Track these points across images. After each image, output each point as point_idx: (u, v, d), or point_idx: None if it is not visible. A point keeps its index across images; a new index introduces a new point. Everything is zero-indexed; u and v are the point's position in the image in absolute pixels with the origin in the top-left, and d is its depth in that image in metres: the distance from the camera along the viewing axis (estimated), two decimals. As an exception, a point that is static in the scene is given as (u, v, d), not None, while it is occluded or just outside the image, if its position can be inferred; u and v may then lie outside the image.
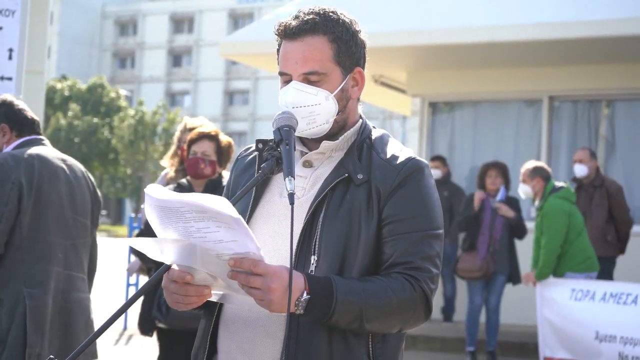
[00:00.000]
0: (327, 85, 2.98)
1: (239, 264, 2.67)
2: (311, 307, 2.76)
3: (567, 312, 9.90)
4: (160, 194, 2.67)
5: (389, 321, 2.87)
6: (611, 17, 11.91)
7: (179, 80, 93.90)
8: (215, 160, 6.80)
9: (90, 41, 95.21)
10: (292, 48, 2.99)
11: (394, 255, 2.90)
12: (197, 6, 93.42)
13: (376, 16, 12.95)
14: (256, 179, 2.89)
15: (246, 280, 2.69)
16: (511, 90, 14.46)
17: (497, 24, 12.58)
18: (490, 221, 11.32)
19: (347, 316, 2.79)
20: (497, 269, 11.31)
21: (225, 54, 15.39)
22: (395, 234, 2.91)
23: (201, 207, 2.59)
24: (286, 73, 3.00)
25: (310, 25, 2.97)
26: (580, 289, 9.85)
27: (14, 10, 7.46)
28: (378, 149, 3.03)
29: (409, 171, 2.96)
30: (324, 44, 2.97)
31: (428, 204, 2.96)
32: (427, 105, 15.05)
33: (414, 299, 2.86)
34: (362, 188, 2.94)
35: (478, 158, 14.23)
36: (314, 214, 2.93)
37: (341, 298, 2.77)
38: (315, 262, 2.89)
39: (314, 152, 3.04)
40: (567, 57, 13.47)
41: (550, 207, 9.99)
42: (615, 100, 14.04)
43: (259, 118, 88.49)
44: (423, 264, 2.90)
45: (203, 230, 2.64)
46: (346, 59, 3.00)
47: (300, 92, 2.96)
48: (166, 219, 2.69)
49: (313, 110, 2.96)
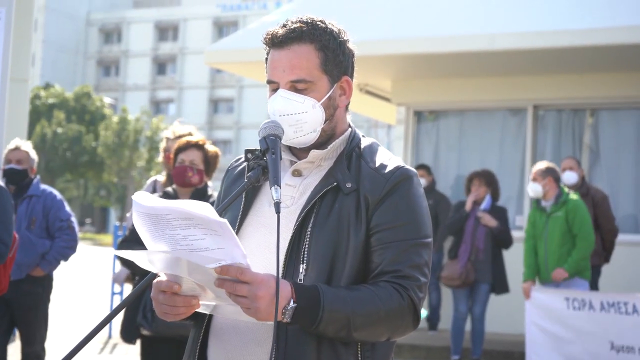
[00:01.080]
0: (314, 94, 2.98)
1: (225, 271, 2.66)
2: (298, 316, 2.76)
3: (569, 322, 9.92)
4: (147, 201, 2.66)
5: (377, 330, 2.86)
6: (595, 27, 11.95)
7: (164, 88, 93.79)
8: (203, 169, 6.81)
9: (75, 49, 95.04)
10: (279, 56, 2.99)
11: (382, 264, 2.89)
12: (182, 14, 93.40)
13: (361, 25, 12.96)
14: (242, 187, 2.89)
15: (232, 288, 2.68)
16: (496, 99, 14.49)
17: (481, 33, 12.61)
18: (472, 230, 11.34)
19: (335, 325, 2.78)
20: (479, 277, 11.32)
21: (210, 62, 15.38)
22: (383, 242, 2.90)
23: (186, 213, 2.59)
24: (274, 81, 3.00)
25: (297, 34, 2.97)
26: (575, 298, 9.90)
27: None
28: (367, 158, 3.03)
29: (397, 180, 2.96)
30: (310, 52, 2.97)
31: (416, 212, 2.96)
32: (412, 114, 15.06)
33: (401, 307, 2.85)
34: (350, 197, 2.94)
35: (463, 167, 14.26)
36: (302, 222, 2.92)
37: (328, 306, 2.76)
38: (304, 270, 2.88)
39: (303, 161, 3.04)
40: (551, 66, 13.51)
41: (577, 203, 10.08)
42: (599, 109, 14.09)
43: (243, 126, 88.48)
44: (411, 272, 2.89)
45: (189, 237, 2.64)
46: (333, 67, 3.01)
47: (287, 100, 2.96)
48: (153, 228, 2.69)
49: (300, 119, 2.96)
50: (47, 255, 8.32)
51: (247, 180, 2.89)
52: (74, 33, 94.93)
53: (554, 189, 10.18)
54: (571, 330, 10.00)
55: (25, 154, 8.33)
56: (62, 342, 12.20)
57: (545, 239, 10.17)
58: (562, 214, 10.08)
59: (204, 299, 2.84)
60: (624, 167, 13.85)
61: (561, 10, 12.58)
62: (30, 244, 8.20)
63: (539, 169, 10.27)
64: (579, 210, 10.06)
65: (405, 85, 15.04)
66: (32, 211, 8.33)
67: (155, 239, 2.72)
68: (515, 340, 12.71)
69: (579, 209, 10.07)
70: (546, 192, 10.21)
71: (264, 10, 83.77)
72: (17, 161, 8.25)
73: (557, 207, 10.13)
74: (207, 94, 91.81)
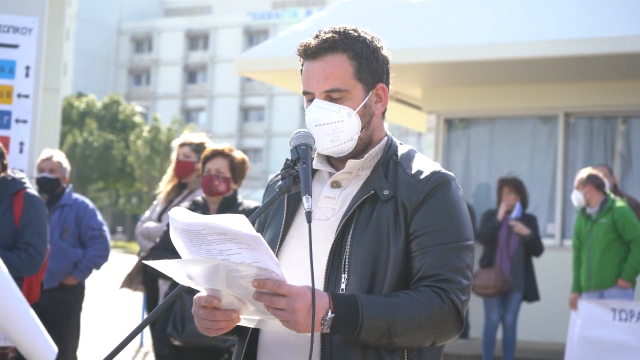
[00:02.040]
0: (350, 102, 3.00)
1: (262, 285, 2.69)
2: (337, 325, 2.77)
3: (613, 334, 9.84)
4: (183, 217, 2.69)
5: (419, 335, 2.86)
6: (627, 34, 11.90)
7: (194, 96, 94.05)
8: (230, 177, 6.83)
9: (106, 58, 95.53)
10: (313, 67, 3.01)
11: (422, 269, 2.90)
12: (212, 23, 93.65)
13: (392, 33, 12.96)
14: (272, 197, 2.91)
15: (271, 301, 2.71)
16: (527, 107, 14.43)
17: (512, 40, 12.58)
18: (506, 238, 11.31)
19: (375, 332, 2.79)
20: (513, 286, 11.29)
21: (240, 71, 15.42)
22: (423, 247, 2.91)
23: (221, 228, 2.62)
24: (309, 92, 3.03)
25: (329, 44, 3.00)
26: (622, 309, 9.82)
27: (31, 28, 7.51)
28: (404, 164, 3.04)
29: (434, 184, 2.96)
30: (344, 61, 3.00)
31: (455, 215, 2.97)
32: (442, 122, 15.03)
33: (443, 311, 2.85)
34: (388, 204, 2.95)
35: (493, 175, 14.21)
36: (342, 232, 2.94)
37: (367, 314, 2.77)
38: (346, 280, 2.90)
39: (340, 172, 3.06)
40: (582, 73, 13.46)
41: (624, 210, 9.99)
42: (631, 117, 14.01)
43: (274, 134, 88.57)
44: (452, 275, 2.89)
45: (225, 252, 2.66)
46: (367, 75, 3.03)
47: (322, 109, 2.98)
48: (190, 244, 2.71)
49: (336, 128, 2.98)
50: (80, 264, 8.36)
51: (279, 190, 2.91)
52: (105, 42, 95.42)
53: (597, 196, 10.09)
54: (615, 342, 9.90)
55: (58, 163, 8.39)
56: (93, 351, 12.25)
57: (590, 246, 10.07)
58: (606, 221, 9.97)
59: (245, 312, 2.85)
60: (656, 175, 13.77)
61: (592, 18, 12.53)
62: (63, 252, 8.25)
63: (580, 178, 10.19)
64: (627, 216, 9.96)
65: (435, 93, 15.01)
66: (65, 220, 8.38)
67: (192, 255, 2.74)
68: (546, 348, 12.65)
69: (627, 214, 9.97)
70: (589, 200, 10.12)
71: (294, 18, 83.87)
72: (50, 170, 8.31)
73: (602, 214, 10.02)
74: (238, 102, 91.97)
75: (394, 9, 14.20)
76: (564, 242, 13.70)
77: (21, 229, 6.32)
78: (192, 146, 8.26)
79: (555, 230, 13.97)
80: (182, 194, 8.24)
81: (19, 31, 7.46)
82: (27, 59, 7.47)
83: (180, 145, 8.28)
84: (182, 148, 8.26)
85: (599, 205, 10.04)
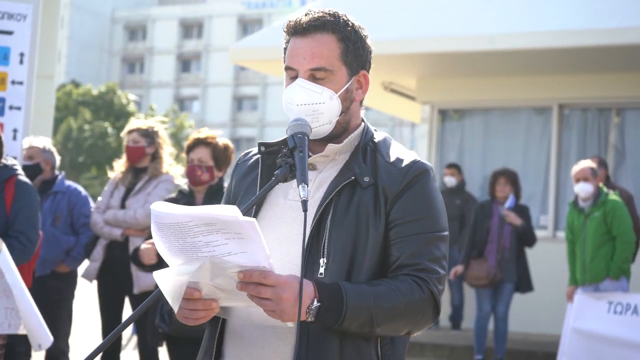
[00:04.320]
0: (332, 85, 2.99)
1: (248, 276, 2.69)
2: (322, 314, 2.78)
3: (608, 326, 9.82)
4: (168, 210, 2.67)
5: (399, 324, 2.89)
6: (622, 26, 11.90)
7: (188, 85, 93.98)
8: (213, 165, 6.85)
9: (100, 46, 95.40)
10: (301, 44, 3.01)
11: (401, 257, 2.92)
12: (207, 12, 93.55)
13: (386, 23, 12.96)
14: (270, 185, 2.90)
15: (257, 291, 2.70)
16: (521, 98, 14.44)
17: (507, 31, 12.58)
18: (498, 229, 11.31)
19: (358, 321, 2.81)
20: (505, 277, 11.29)
21: (234, 60, 15.41)
22: (402, 235, 2.93)
23: (210, 217, 2.60)
24: (293, 68, 3.01)
25: (320, 23, 3.00)
26: (619, 302, 9.81)
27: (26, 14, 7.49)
28: (382, 151, 3.04)
29: (415, 173, 2.98)
30: (332, 42, 3.00)
31: (434, 206, 2.99)
32: (436, 113, 15.03)
33: (422, 300, 2.88)
34: (368, 191, 2.96)
35: (487, 166, 14.21)
36: (321, 216, 2.94)
37: (351, 303, 2.78)
38: (325, 264, 2.90)
39: (318, 154, 3.04)
40: (577, 65, 13.46)
41: (616, 204, 9.93)
42: (625, 109, 14.02)
43: (267, 124, 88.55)
44: (431, 265, 2.91)
45: (212, 243, 2.65)
46: (353, 59, 3.03)
47: (305, 89, 2.98)
48: (173, 238, 2.69)
49: (317, 109, 2.97)
50: (72, 252, 8.35)
51: (275, 178, 2.89)
52: (99, 30, 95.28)
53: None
54: (607, 335, 9.88)
55: (36, 149, 8.33)
56: (86, 338, 12.25)
57: (584, 240, 10.00)
58: (599, 214, 9.91)
59: (225, 302, 2.85)
60: (649, 167, 13.79)
61: (588, 10, 12.53)
62: (55, 240, 8.24)
63: (589, 168, 10.07)
64: (617, 211, 9.88)
65: (430, 83, 15.01)
66: (57, 207, 8.36)
67: (172, 251, 2.74)
68: (538, 340, 12.67)
69: (618, 209, 9.90)
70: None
71: (288, 8, 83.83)
72: (29, 157, 8.26)
73: (596, 208, 9.95)
74: (232, 91, 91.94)
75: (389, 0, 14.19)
76: (556, 233, 13.71)
77: (12, 216, 6.27)
78: (141, 131, 8.28)
79: (548, 221, 13.98)
80: (142, 178, 8.24)
81: (14, 17, 7.44)
82: (21, 45, 7.45)
83: (129, 132, 8.29)
84: (131, 134, 8.28)
85: (592, 199, 9.99)
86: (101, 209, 8.27)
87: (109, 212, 8.18)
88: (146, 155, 8.24)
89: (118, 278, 8.11)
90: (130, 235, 8.05)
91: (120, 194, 8.28)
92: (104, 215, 8.20)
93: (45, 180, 8.39)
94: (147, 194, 8.12)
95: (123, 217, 8.04)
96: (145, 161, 8.28)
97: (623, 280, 10.03)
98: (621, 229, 9.86)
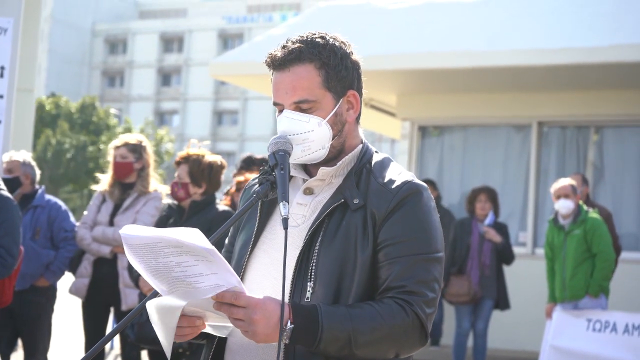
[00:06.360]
0: (319, 112, 2.98)
1: (220, 297, 2.69)
2: (296, 336, 2.76)
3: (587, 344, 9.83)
4: (137, 232, 2.68)
5: (381, 347, 2.85)
6: (600, 45, 11.97)
7: (168, 99, 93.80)
8: (188, 182, 6.95)
9: (80, 59, 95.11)
10: (281, 78, 3.00)
11: (388, 280, 2.88)
12: (187, 26, 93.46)
13: (366, 39, 12.98)
14: (249, 203, 2.90)
15: (230, 312, 2.71)
16: (500, 115, 14.49)
17: (487, 49, 12.63)
18: (478, 246, 11.33)
19: (335, 343, 2.78)
20: (485, 293, 11.30)
21: (215, 74, 15.41)
22: (390, 257, 2.89)
23: (175, 241, 2.61)
24: (279, 103, 3.02)
25: (295, 55, 2.97)
26: (598, 320, 9.82)
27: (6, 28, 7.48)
28: (377, 173, 3.02)
29: (405, 194, 2.94)
30: (311, 71, 2.97)
31: (425, 227, 2.94)
32: (416, 129, 15.07)
33: (405, 324, 2.83)
34: (358, 213, 2.93)
35: (467, 182, 14.26)
36: (311, 240, 2.93)
37: (327, 326, 2.76)
38: (312, 288, 2.88)
39: (313, 179, 3.04)
40: (556, 83, 13.53)
41: (596, 222, 9.96)
42: (603, 127, 14.09)
43: (247, 138, 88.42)
44: (418, 287, 2.87)
45: (183, 264, 2.66)
46: (336, 83, 3.00)
47: (292, 120, 2.97)
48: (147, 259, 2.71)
49: (307, 137, 2.97)
50: (52, 266, 8.32)
51: (255, 196, 2.90)
52: (79, 43, 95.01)
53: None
54: (586, 353, 9.89)
55: (16, 163, 8.31)
56: (65, 353, 12.19)
57: (564, 257, 10.04)
58: (579, 232, 9.95)
59: (210, 320, 2.86)
60: (628, 185, 13.85)
61: (566, 28, 12.60)
62: (35, 254, 8.20)
63: (569, 185, 10.11)
64: (598, 229, 9.93)
65: (410, 100, 15.05)
66: (37, 221, 8.33)
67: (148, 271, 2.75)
68: (517, 356, 12.70)
69: (599, 227, 9.94)
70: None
71: (269, 22, 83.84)
72: (8, 171, 8.23)
73: (576, 225, 10.00)
74: (212, 105, 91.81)
75: (369, 15, 14.23)
76: (535, 250, 13.76)
77: (-7, 230, 6.25)
78: (129, 146, 8.27)
79: (527, 238, 14.03)
80: (131, 195, 8.22)
81: (-6, 31, 7.43)
82: (2, 59, 7.45)
83: (116, 147, 8.27)
84: (119, 149, 8.26)
85: (572, 216, 10.02)
86: (88, 224, 8.24)
87: (98, 228, 8.15)
88: (134, 171, 8.23)
89: (105, 294, 8.10)
90: (119, 253, 8.03)
91: (108, 210, 8.25)
92: (92, 232, 8.18)
93: (25, 194, 8.35)
94: (136, 212, 8.10)
95: (112, 235, 8.01)
96: (133, 177, 8.27)
97: (602, 298, 10.06)
98: (601, 247, 9.89)
